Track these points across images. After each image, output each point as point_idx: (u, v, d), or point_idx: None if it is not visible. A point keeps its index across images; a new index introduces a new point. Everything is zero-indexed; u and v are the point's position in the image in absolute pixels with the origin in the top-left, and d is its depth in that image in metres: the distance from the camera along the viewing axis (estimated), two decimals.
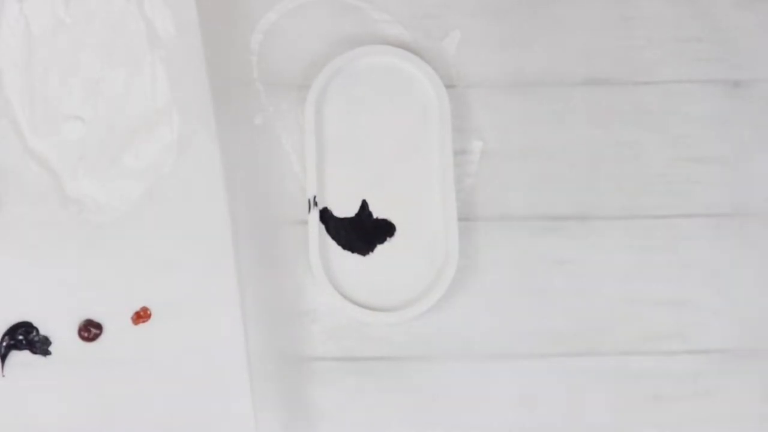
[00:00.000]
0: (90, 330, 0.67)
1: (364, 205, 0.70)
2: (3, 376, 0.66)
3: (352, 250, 0.69)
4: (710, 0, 0.71)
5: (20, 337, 0.66)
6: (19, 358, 0.66)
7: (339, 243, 0.69)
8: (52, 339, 0.66)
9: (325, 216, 0.69)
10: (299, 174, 0.70)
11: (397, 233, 0.70)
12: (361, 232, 0.69)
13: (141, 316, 0.67)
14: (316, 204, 0.69)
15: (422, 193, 0.70)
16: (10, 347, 0.66)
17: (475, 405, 0.68)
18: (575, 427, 0.67)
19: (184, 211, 0.67)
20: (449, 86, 0.70)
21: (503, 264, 0.69)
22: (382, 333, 0.69)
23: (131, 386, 0.66)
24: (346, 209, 0.70)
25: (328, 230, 0.69)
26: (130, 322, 0.67)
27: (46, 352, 0.66)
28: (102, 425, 0.65)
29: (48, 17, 0.69)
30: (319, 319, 0.69)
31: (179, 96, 0.68)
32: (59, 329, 0.66)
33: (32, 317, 0.67)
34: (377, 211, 0.70)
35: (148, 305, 0.67)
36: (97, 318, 0.67)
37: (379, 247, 0.69)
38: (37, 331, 0.66)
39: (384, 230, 0.70)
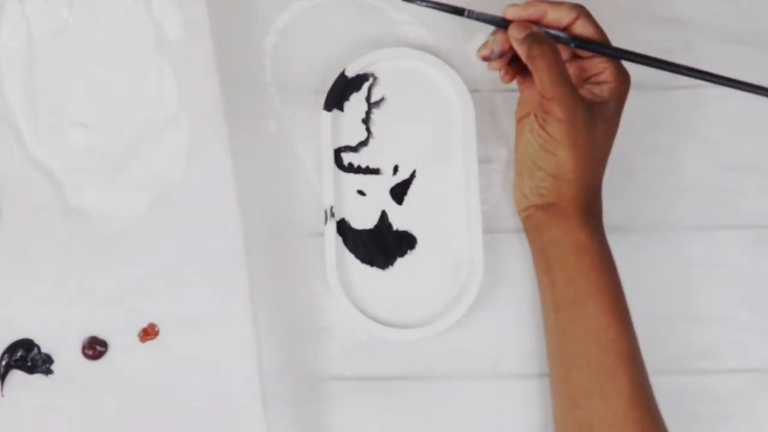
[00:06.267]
0: (95, 348, 0.66)
1: (383, 217, 0.69)
2: (2, 396, 0.65)
3: (371, 264, 0.69)
4: (752, 0, 0.71)
5: (21, 356, 0.65)
6: (20, 377, 0.66)
7: (357, 256, 0.69)
8: (54, 357, 0.66)
9: (343, 228, 0.69)
10: (315, 183, 0.70)
11: (418, 246, 0.69)
12: (381, 244, 0.69)
13: (148, 333, 0.66)
14: (333, 215, 0.68)
15: (445, 204, 0.69)
16: (9, 366, 0.66)
17: (501, 426, 0.68)
18: None
19: (193, 222, 0.67)
20: (473, 91, 0.70)
21: (530, 278, 0.68)
22: (402, 351, 0.68)
23: (137, 407, 0.65)
24: (364, 220, 0.69)
25: (346, 243, 0.69)
26: (136, 339, 0.66)
27: (47, 371, 0.66)
28: None
29: (51, 18, 0.68)
30: (337, 336, 0.68)
31: (189, 101, 0.68)
32: (62, 347, 0.66)
33: (33, 334, 0.66)
34: (397, 223, 0.69)
35: (155, 322, 0.66)
36: (101, 335, 0.66)
37: (400, 261, 0.69)
38: (39, 348, 0.66)
39: (405, 243, 0.69)
